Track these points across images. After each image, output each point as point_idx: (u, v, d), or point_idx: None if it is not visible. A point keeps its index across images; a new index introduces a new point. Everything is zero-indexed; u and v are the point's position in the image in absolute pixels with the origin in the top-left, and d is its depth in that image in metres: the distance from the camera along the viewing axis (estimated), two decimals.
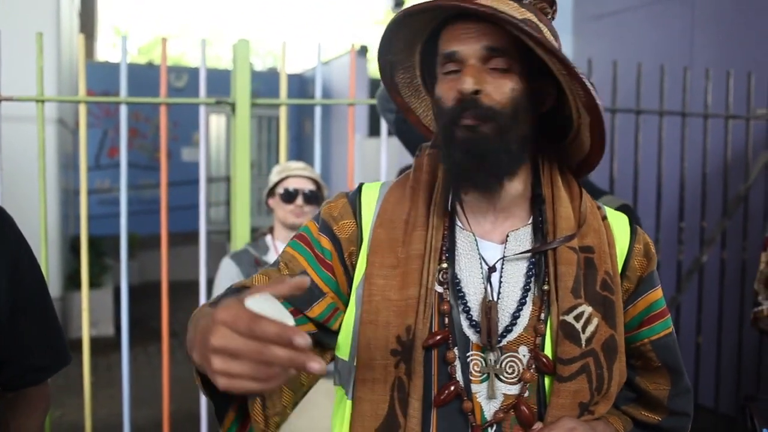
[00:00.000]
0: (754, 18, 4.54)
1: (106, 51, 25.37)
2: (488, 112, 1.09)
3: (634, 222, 1.26)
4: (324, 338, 1.19)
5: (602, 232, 1.19)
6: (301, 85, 13.01)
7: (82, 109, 2.72)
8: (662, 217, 3.79)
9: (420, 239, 1.17)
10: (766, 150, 4.11)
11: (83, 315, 2.76)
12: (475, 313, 1.15)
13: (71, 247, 7.85)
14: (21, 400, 1.52)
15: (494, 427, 1.12)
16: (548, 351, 1.13)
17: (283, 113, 3.10)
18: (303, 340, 0.76)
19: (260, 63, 25.61)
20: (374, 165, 9.82)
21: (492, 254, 1.18)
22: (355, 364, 1.17)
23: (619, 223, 1.24)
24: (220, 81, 6.94)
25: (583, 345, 1.11)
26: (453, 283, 1.16)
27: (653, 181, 3.84)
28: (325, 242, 1.21)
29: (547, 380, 1.13)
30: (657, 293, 1.22)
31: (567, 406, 1.10)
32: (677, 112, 3.79)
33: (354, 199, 1.25)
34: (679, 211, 3.89)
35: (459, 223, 1.20)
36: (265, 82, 11.53)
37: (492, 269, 1.16)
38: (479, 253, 1.17)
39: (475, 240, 1.18)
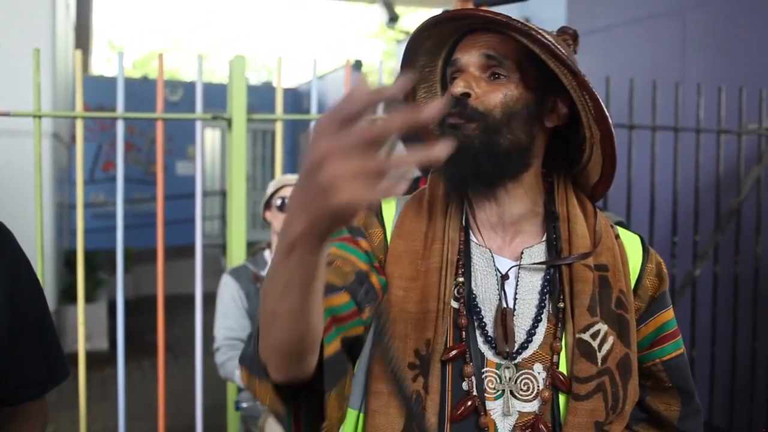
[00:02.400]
0: (746, 33, 4.59)
1: (101, 65, 25.40)
2: (473, 112, 1.11)
3: (646, 243, 1.26)
4: (356, 348, 1.16)
5: (616, 250, 1.19)
6: (295, 99, 13.04)
7: (79, 125, 2.73)
8: (655, 231, 3.81)
9: (438, 253, 1.17)
10: (758, 164, 4.14)
11: (79, 329, 2.76)
12: (491, 329, 1.14)
13: (65, 261, 7.83)
14: (19, 415, 1.52)
15: None
16: (563, 369, 1.13)
17: (279, 128, 3.12)
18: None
19: (255, 77, 25.66)
20: None
21: (507, 269, 1.18)
22: (365, 375, 1.15)
23: (631, 243, 1.25)
24: (215, 95, 6.96)
25: (599, 363, 1.12)
26: (469, 298, 1.16)
27: (646, 196, 3.86)
28: (365, 245, 1.18)
29: (562, 398, 1.13)
30: (668, 314, 1.23)
31: (583, 426, 1.10)
32: (669, 127, 3.82)
33: (377, 210, 1.23)
34: (672, 225, 3.91)
35: (474, 238, 1.20)
36: (259, 97, 11.53)
37: (505, 277, 1.16)
38: (495, 267, 1.17)
39: (492, 255, 1.18)
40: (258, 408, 2.70)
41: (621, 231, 1.26)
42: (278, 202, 2.84)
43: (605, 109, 1.11)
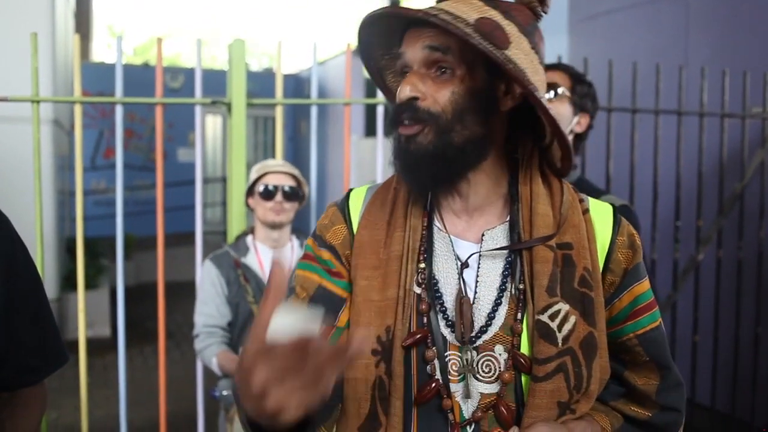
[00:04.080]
0: (750, 16, 4.55)
1: (102, 51, 25.32)
2: (424, 115, 1.12)
3: (618, 215, 1.24)
4: None
5: (582, 227, 1.18)
6: (296, 85, 13.00)
7: (78, 110, 2.71)
8: (658, 215, 3.79)
9: (399, 240, 1.19)
10: (762, 148, 4.12)
11: (79, 316, 2.75)
12: (451, 313, 1.16)
13: (67, 248, 7.83)
14: (17, 401, 1.52)
15: (473, 426, 1.13)
16: (526, 350, 1.13)
17: (279, 113, 3.09)
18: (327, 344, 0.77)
19: (256, 63, 25.59)
20: (370, 165, 9.82)
21: (468, 253, 1.19)
22: None
23: (602, 216, 1.23)
24: (215, 81, 6.92)
25: (560, 344, 1.11)
26: (430, 284, 1.17)
27: (649, 180, 3.84)
28: (325, 254, 1.23)
29: (524, 379, 1.13)
30: (643, 285, 1.21)
31: (544, 406, 1.10)
32: (673, 111, 3.80)
33: (343, 205, 1.28)
34: (675, 209, 3.90)
35: (436, 223, 1.22)
36: (260, 83, 11.51)
37: (465, 265, 1.17)
38: (454, 253, 1.19)
39: (450, 240, 1.19)
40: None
41: (592, 204, 1.24)
42: (261, 188, 2.80)
43: (542, 100, 1.10)
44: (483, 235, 1.19)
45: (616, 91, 3.69)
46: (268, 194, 2.78)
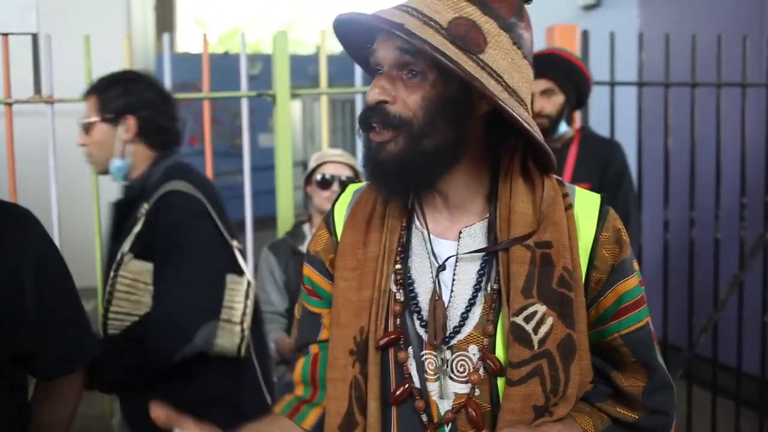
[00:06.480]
0: None
1: (187, 42, 26.08)
2: (394, 120, 1.07)
3: (606, 207, 1.17)
4: None
5: (563, 224, 1.13)
6: None
7: None
8: (722, 193, 3.66)
9: (376, 241, 1.19)
10: None
11: None
12: (426, 313, 1.14)
13: None
14: (54, 389, 1.62)
15: (449, 426, 1.12)
16: (500, 352, 1.11)
17: (324, 103, 3.14)
18: None
19: (337, 47, 25.77)
20: None
21: (446, 252, 1.16)
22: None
23: (587, 210, 1.17)
24: (297, 68, 7.02)
25: (536, 347, 1.08)
26: (406, 284, 1.17)
27: (712, 157, 3.70)
28: (306, 270, 1.29)
29: (499, 381, 1.11)
30: (628, 283, 1.16)
31: (518, 411, 1.08)
32: (736, 84, 3.64)
33: (330, 210, 1.31)
34: (740, 186, 3.74)
35: (416, 221, 1.20)
36: (339, 66, 11.57)
37: (442, 267, 1.15)
38: (431, 252, 1.17)
39: (428, 238, 1.17)
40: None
41: (579, 197, 1.18)
42: (318, 177, 2.85)
43: (510, 110, 1.05)
44: (460, 233, 1.17)
45: (676, 65, 3.57)
46: (325, 183, 2.83)
